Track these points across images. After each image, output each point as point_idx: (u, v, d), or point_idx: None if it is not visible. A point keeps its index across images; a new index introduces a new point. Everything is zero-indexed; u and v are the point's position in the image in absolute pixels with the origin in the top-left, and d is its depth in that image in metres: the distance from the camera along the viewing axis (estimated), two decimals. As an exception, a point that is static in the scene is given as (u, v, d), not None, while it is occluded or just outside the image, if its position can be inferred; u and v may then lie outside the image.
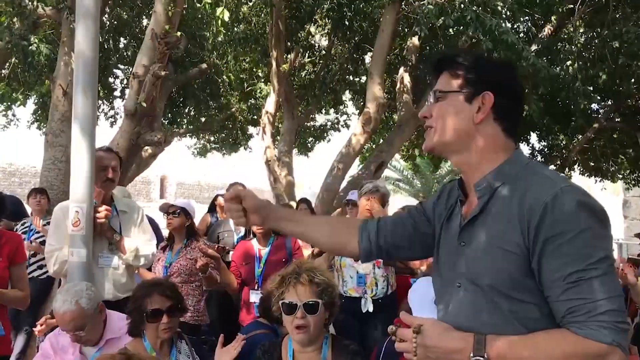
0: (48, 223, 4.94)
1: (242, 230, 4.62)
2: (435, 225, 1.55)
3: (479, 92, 1.38)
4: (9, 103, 12.87)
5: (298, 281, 2.25)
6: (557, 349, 1.20)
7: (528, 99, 6.90)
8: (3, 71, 9.81)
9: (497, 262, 1.28)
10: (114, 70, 11.83)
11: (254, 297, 3.86)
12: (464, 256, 1.37)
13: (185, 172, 29.15)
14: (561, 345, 1.20)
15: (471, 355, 1.23)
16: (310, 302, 2.22)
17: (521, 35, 8.59)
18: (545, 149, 12.59)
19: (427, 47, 9.78)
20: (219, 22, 7.91)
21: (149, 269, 4.12)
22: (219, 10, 7.57)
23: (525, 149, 11.55)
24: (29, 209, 6.05)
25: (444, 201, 1.54)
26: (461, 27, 6.55)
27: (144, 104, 6.16)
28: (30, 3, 7.25)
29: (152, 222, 4.65)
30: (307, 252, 4.20)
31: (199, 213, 6.14)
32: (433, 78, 1.49)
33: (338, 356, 2.31)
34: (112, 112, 12.77)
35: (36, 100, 12.64)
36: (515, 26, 9.12)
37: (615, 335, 1.17)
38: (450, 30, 8.01)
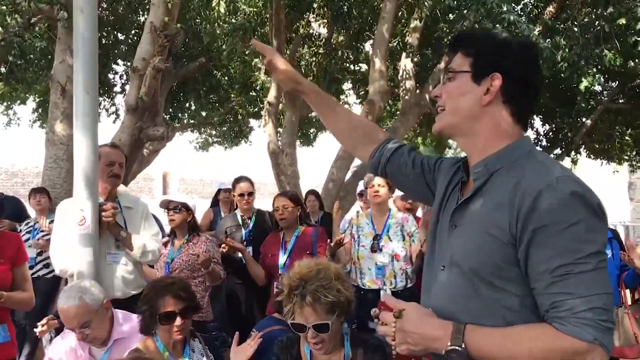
0: (53, 221, 4.87)
1: (251, 224, 4.52)
2: (435, 190, 1.56)
3: (488, 73, 1.33)
4: (9, 102, 12.81)
5: (304, 302, 2.08)
6: (536, 344, 1.16)
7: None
8: (2, 69, 9.73)
9: (482, 246, 1.25)
10: (113, 66, 11.74)
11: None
12: (453, 238, 1.35)
13: (188, 168, 29.06)
14: (541, 340, 1.16)
15: (449, 344, 1.20)
16: (319, 324, 2.10)
17: (523, 19, 8.44)
18: (550, 133, 12.46)
19: (429, 33, 9.64)
20: (216, 13, 7.80)
21: (151, 266, 4.04)
22: (214, 1, 7.46)
23: (529, 133, 11.44)
24: (30, 210, 5.97)
25: (450, 175, 1.51)
26: (462, 9, 6.42)
27: (145, 98, 6.07)
28: (24, 1, 7.14)
29: (154, 218, 4.56)
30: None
31: (203, 208, 6.04)
32: (450, 57, 1.44)
33: (360, 351, 2.22)
34: (113, 109, 12.70)
35: (36, 99, 12.57)
36: (517, 8, 8.97)
37: (598, 333, 1.12)
38: (451, 15, 7.88)
